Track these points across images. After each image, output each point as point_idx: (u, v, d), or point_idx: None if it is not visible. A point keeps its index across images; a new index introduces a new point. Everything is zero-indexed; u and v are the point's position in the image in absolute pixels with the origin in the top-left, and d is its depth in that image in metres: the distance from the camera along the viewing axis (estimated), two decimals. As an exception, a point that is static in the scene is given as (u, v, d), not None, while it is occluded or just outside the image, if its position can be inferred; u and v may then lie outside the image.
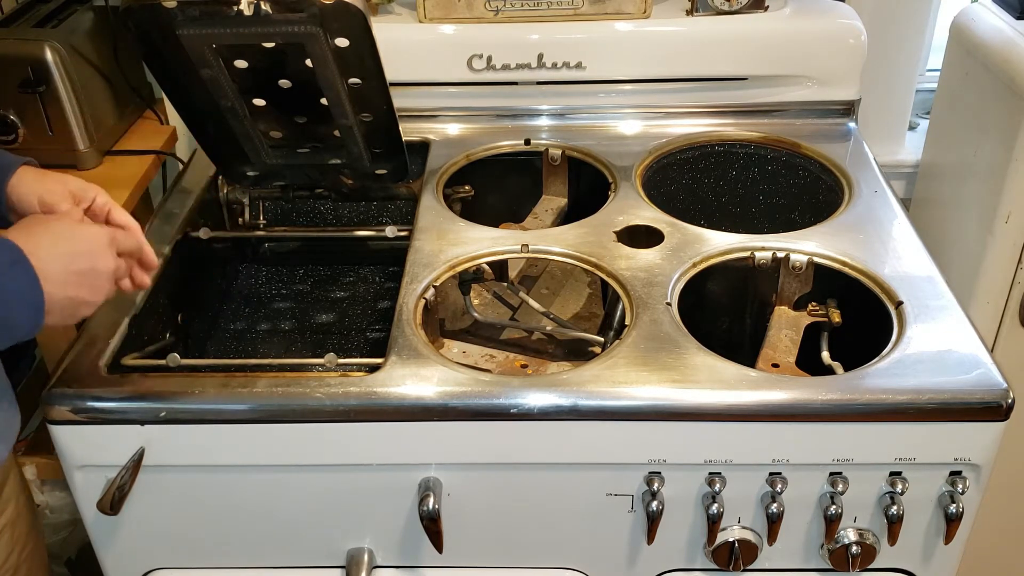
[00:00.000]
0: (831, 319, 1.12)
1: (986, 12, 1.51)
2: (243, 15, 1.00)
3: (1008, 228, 1.40)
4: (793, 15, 1.39)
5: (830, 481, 0.95)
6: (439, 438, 0.94)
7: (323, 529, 1.03)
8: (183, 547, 1.05)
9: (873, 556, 0.99)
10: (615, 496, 0.98)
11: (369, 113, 1.14)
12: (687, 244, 1.13)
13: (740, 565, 1.00)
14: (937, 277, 1.06)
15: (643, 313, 1.01)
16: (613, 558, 1.03)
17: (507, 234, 1.17)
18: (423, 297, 1.05)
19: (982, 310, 1.47)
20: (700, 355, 0.96)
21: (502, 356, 1.13)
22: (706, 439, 0.93)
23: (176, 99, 1.15)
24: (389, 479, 0.98)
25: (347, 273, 1.30)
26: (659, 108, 1.41)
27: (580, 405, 0.91)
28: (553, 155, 1.36)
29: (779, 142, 1.36)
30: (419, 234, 1.16)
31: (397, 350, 0.97)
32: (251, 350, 1.23)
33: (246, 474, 0.98)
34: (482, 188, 1.36)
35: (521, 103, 1.42)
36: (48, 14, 1.49)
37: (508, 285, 1.21)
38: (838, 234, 1.14)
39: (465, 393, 0.92)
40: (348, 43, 1.03)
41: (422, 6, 1.37)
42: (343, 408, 0.92)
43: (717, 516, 0.95)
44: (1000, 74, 1.40)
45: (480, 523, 1.01)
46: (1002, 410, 0.90)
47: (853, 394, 0.91)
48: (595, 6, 1.36)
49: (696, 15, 1.39)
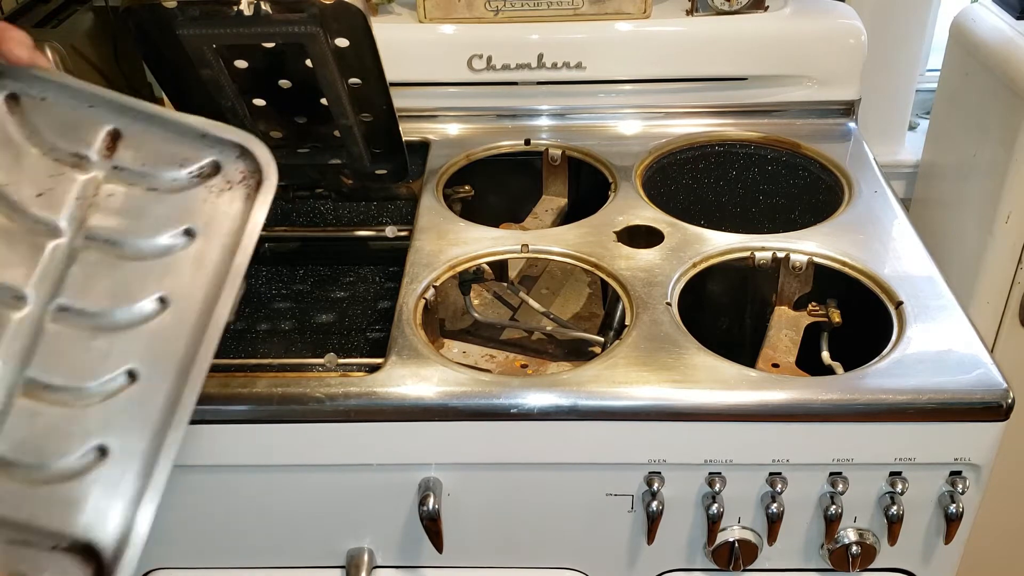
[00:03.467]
0: (831, 319, 1.12)
1: (986, 12, 1.51)
2: (243, 15, 1.00)
3: (1008, 228, 1.40)
4: (793, 15, 1.39)
5: (830, 481, 0.95)
6: (439, 438, 0.94)
7: (323, 529, 1.03)
8: (183, 547, 1.05)
9: (873, 556, 0.99)
10: (615, 496, 0.98)
11: (369, 113, 1.14)
12: (687, 244, 1.13)
13: (740, 565, 1.00)
14: (937, 277, 1.06)
15: (643, 313, 1.01)
16: (613, 558, 1.03)
17: (507, 234, 1.17)
18: (423, 297, 1.05)
19: (982, 310, 1.47)
20: (700, 355, 0.96)
21: (502, 356, 1.13)
22: (706, 439, 0.93)
23: (176, 99, 1.15)
24: (389, 479, 0.98)
25: (347, 273, 1.29)
26: (659, 108, 1.41)
27: (580, 405, 0.91)
28: (553, 155, 1.36)
29: (779, 142, 1.36)
30: (419, 234, 1.16)
31: (397, 350, 0.97)
32: (251, 350, 1.23)
33: (246, 474, 0.98)
34: (482, 188, 1.36)
35: (521, 103, 1.42)
36: (48, 14, 1.49)
37: (508, 285, 1.21)
38: (838, 234, 1.14)
39: (465, 393, 0.92)
40: (348, 43, 1.03)
41: (422, 6, 1.37)
42: (343, 408, 0.92)
43: (717, 516, 0.96)
44: (1000, 74, 1.40)
45: (480, 523, 1.01)
46: (1002, 410, 0.90)
47: (853, 394, 0.91)
48: (595, 6, 1.36)
49: (696, 15, 1.39)
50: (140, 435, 0.73)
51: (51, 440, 0.72)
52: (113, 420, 0.74)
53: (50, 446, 0.72)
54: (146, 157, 0.81)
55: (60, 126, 0.80)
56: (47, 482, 0.72)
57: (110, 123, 0.81)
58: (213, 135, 0.81)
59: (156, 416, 0.74)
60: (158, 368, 0.75)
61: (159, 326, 0.76)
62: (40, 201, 0.78)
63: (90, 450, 0.73)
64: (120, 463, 0.73)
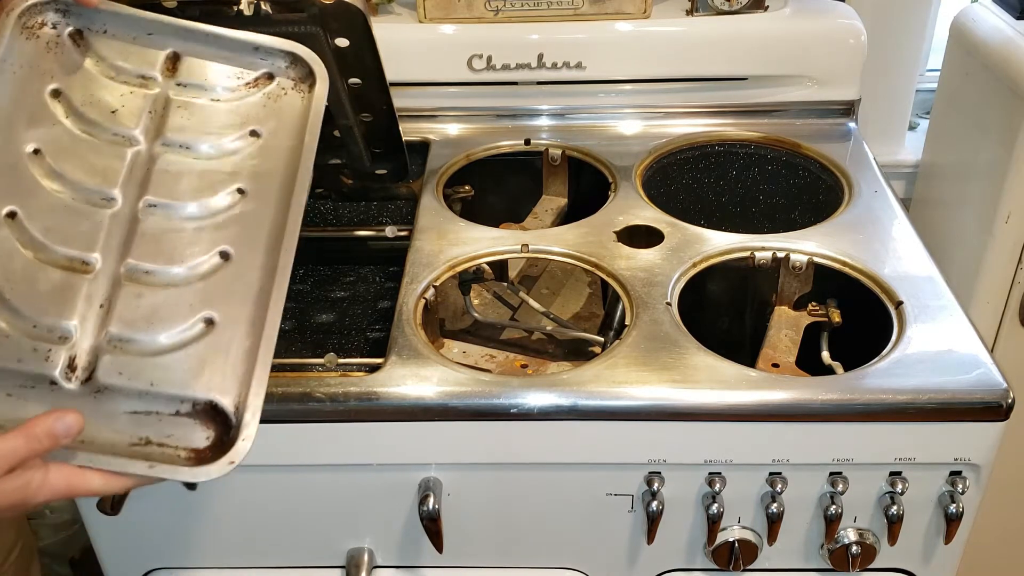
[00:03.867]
0: (831, 319, 1.12)
1: (986, 12, 1.51)
2: (243, 15, 1.00)
3: (1008, 228, 1.40)
4: (793, 15, 1.39)
5: (830, 481, 0.95)
6: (439, 438, 0.94)
7: (323, 529, 1.03)
8: (183, 547, 1.05)
9: (873, 556, 0.99)
10: (615, 496, 0.98)
11: (369, 113, 1.14)
12: (687, 244, 1.13)
13: (740, 565, 1.00)
14: (937, 277, 1.06)
15: (643, 313, 1.01)
16: (613, 558, 1.03)
17: (507, 234, 1.17)
18: (423, 297, 1.05)
19: (982, 310, 1.47)
20: (700, 355, 0.96)
21: (502, 356, 1.13)
22: (706, 439, 0.93)
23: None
24: (389, 479, 0.98)
25: (347, 273, 1.29)
26: (659, 108, 1.41)
27: (580, 405, 0.91)
28: (553, 155, 1.36)
29: (779, 142, 1.36)
30: (419, 234, 1.16)
31: (397, 350, 0.97)
32: (251, 350, 1.23)
33: (246, 474, 0.98)
34: (482, 188, 1.36)
35: (521, 103, 1.42)
36: (48, 14, 1.49)
37: (508, 285, 1.21)
38: (838, 234, 1.14)
39: (465, 393, 0.92)
40: (348, 43, 1.03)
41: (422, 6, 1.37)
42: (343, 408, 0.92)
43: (717, 516, 0.96)
44: (1000, 74, 1.40)
45: (480, 523, 1.01)
46: (1002, 410, 0.90)
47: (853, 394, 0.91)
48: (595, 6, 1.36)
49: (696, 15, 1.39)
50: (242, 304, 0.81)
51: (158, 317, 0.79)
52: (214, 295, 0.81)
53: (158, 322, 0.79)
54: (206, 73, 0.91)
55: (123, 53, 0.89)
56: (161, 352, 0.78)
57: (169, 46, 0.90)
58: (265, 46, 0.92)
59: (255, 285, 0.81)
60: (249, 246, 0.84)
61: (242, 211, 0.85)
62: (115, 117, 0.87)
63: (197, 321, 0.80)
64: (228, 329, 0.80)
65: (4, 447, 0.67)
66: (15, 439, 0.68)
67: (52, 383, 0.75)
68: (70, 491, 0.70)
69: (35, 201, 0.80)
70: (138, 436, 0.75)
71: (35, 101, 0.84)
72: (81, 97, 0.86)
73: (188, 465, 0.73)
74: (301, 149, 0.89)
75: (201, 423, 0.76)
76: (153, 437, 0.75)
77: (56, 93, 0.85)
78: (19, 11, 0.85)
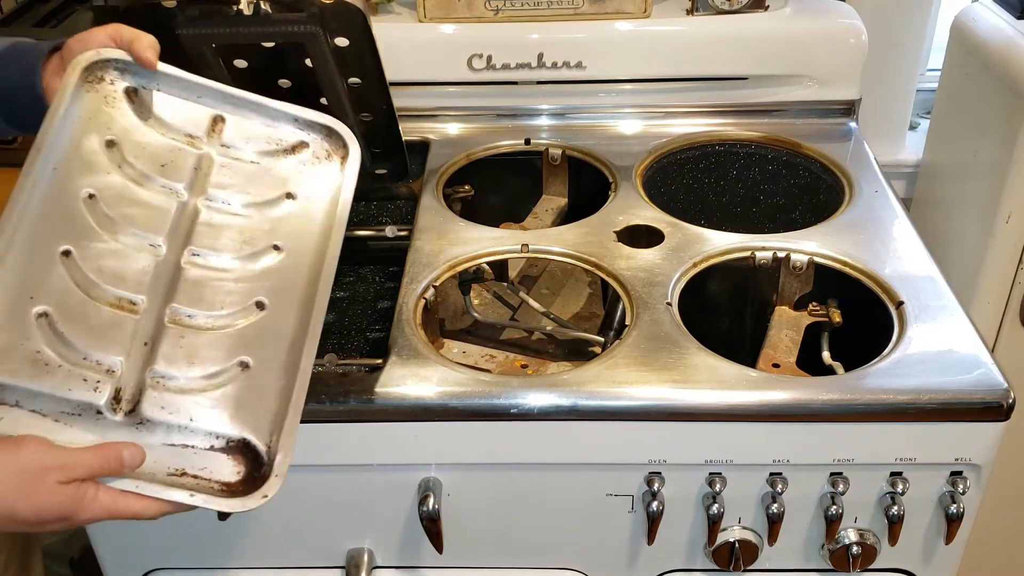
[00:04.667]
0: (832, 319, 1.12)
1: (986, 12, 1.51)
2: (243, 15, 1.00)
3: (1008, 228, 1.40)
4: (793, 15, 1.39)
5: (830, 481, 0.95)
6: (439, 438, 0.94)
7: (323, 529, 1.02)
8: (183, 547, 1.05)
9: (873, 556, 0.99)
10: (615, 496, 0.98)
11: (369, 113, 1.14)
12: (687, 244, 1.13)
13: (740, 565, 1.00)
14: (938, 277, 1.06)
15: (643, 313, 1.01)
16: (613, 558, 1.03)
17: (507, 234, 1.16)
18: (423, 297, 1.05)
19: (983, 310, 1.47)
20: (700, 355, 0.95)
21: (502, 356, 1.13)
22: (706, 439, 0.93)
23: (176, 99, 1.15)
24: (389, 479, 0.98)
25: (347, 273, 1.29)
26: (659, 108, 1.41)
27: (580, 405, 0.91)
28: (553, 155, 1.36)
29: (779, 142, 1.35)
30: (419, 234, 1.16)
31: (397, 350, 0.97)
32: (251, 350, 1.23)
33: (246, 474, 0.98)
34: (482, 188, 1.36)
35: (521, 103, 1.42)
36: (48, 14, 1.49)
37: (508, 285, 1.21)
38: (838, 234, 1.14)
39: (465, 393, 0.92)
40: (348, 43, 1.03)
41: (422, 6, 1.37)
42: (343, 408, 0.92)
43: (717, 516, 0.95)
44: (1000, 74, 1.40)
45: (480, 523, 1.01)
46: (1003, 410, 0.90)
47: (853, 394, 0.91)
48: (595, 6, 1.36)
49: (696, 15, 1.39)
50: (276, 350, 0.86)
51: (198, 358, 0.84)
52: (250, 341, 0.86)
53: (198, 362, 0.84)
54: (247, 136, 0.97)
55: (174, 112, 0.95)
56: (200, 391, 0.83)
57: (215, 109, 0.96)
58: (303, 119, 0.98)
59: (288, 335, 0.87)
60: (283, 298, 0.89)
61: (279, 266, 0.91)
62: (164, 170, 0.92)
63: (233, 364, 0.84)
64: (262, 373, 0.85)
65: (80, 458, 0.72)
66: (90, 455, 0.73)
67: (98, 412, 0.79)
68: (113, 512, 0.74)
69: (88, 242, 0.85)
70: (174, 467, 0.79)
71: (92, 149, 0.89)
72: (134, 149, 0.91)
73: (220, 496, 0.78)
74: (334, 216, 0.95)
75: (233, 458, 0.81)
76: (188, 469, 0.79)
77: (111, 143, 0.90)
78: (84, 65, 0.90)
